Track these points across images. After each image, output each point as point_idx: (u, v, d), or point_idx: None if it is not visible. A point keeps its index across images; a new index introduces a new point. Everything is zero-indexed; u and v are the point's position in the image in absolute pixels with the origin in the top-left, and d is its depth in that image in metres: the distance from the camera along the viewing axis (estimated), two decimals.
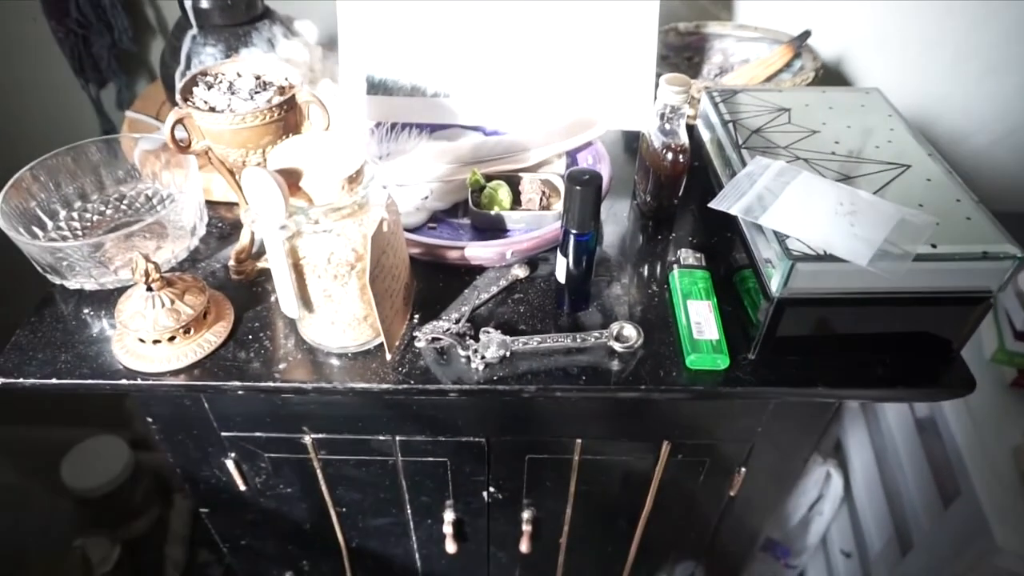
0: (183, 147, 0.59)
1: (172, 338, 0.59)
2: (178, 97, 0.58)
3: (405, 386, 0.59)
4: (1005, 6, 0.96)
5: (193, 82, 0.60)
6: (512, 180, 0.74)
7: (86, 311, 0.66)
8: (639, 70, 0.79)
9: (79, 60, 1.06)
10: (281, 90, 0.61)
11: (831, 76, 1.03)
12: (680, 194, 0.74)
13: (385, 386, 0.59)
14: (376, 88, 0.81)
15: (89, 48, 1.06)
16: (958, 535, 0.95)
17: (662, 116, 0.69)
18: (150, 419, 0.71)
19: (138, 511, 1.42)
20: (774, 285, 0.56)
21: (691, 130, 0.73)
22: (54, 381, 0.60)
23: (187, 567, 1.42)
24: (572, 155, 0.79)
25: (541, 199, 0.72)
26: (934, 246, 0.54)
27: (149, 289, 0.59)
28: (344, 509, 0.83)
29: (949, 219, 0.56)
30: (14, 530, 1.40)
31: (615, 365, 0.61)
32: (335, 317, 0.59)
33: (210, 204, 0.75)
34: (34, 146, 0.68)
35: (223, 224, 0.75)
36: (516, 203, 0.73)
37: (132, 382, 0.59)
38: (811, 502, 1.34)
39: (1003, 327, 1.00)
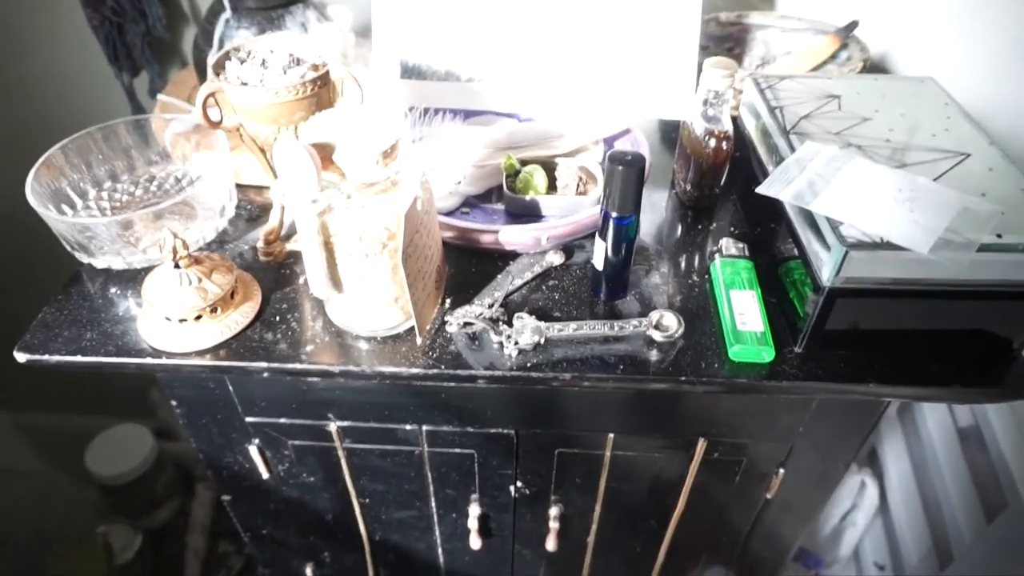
0: (215, 123, 0.58)
1: (199, 317, 0.58)
2: (210, 71, 0.57)
3: (435, 371, 0.57)
4: None
5: (226, 57, 0.59)
6: (548, 166, 0.72)
7: (113, 290, 0.65)
8: (681, 58, 0.76)
9: (113, 48, 1.06)
10: (315, 67, 0.59)
11: (877, 70, 1.00)
12: (722, 183, 0.71)
13: (415, 370, 0.57)
14: (410, 73, 0.79)
15: (123, 36, 1.06)
16: (1004, 549, 0.91)
17: (705, 102, 0.67)
18: (174, 402, 0.70)
19: (161, 500, 1.42)
20: (825, 274, 0.53)
21: (733, 121, 0.70)
22: (79, 359, 0.59)
23: (208, 557, 1.42)
24: (609, 142, 0.77)
25: (578, 185, 0.70)
26: (999, 236, 0.51)
27: (176, 266, 0.57)
28: (367, 500, 0.81)
29: (1014, 209, 0.53)
30: (38, 516, 1.41)
31: (654, 355, 0.58)
32: (365, 298, 0.57)
33: (239, 188, 0.74)
34: (67, 134, 0.68)
35: (252, 207, 0.74)
36: (551, 189, 0.71)
37: (157, 361, 0.58)
38: (844, 512, 1.30)
39: None
